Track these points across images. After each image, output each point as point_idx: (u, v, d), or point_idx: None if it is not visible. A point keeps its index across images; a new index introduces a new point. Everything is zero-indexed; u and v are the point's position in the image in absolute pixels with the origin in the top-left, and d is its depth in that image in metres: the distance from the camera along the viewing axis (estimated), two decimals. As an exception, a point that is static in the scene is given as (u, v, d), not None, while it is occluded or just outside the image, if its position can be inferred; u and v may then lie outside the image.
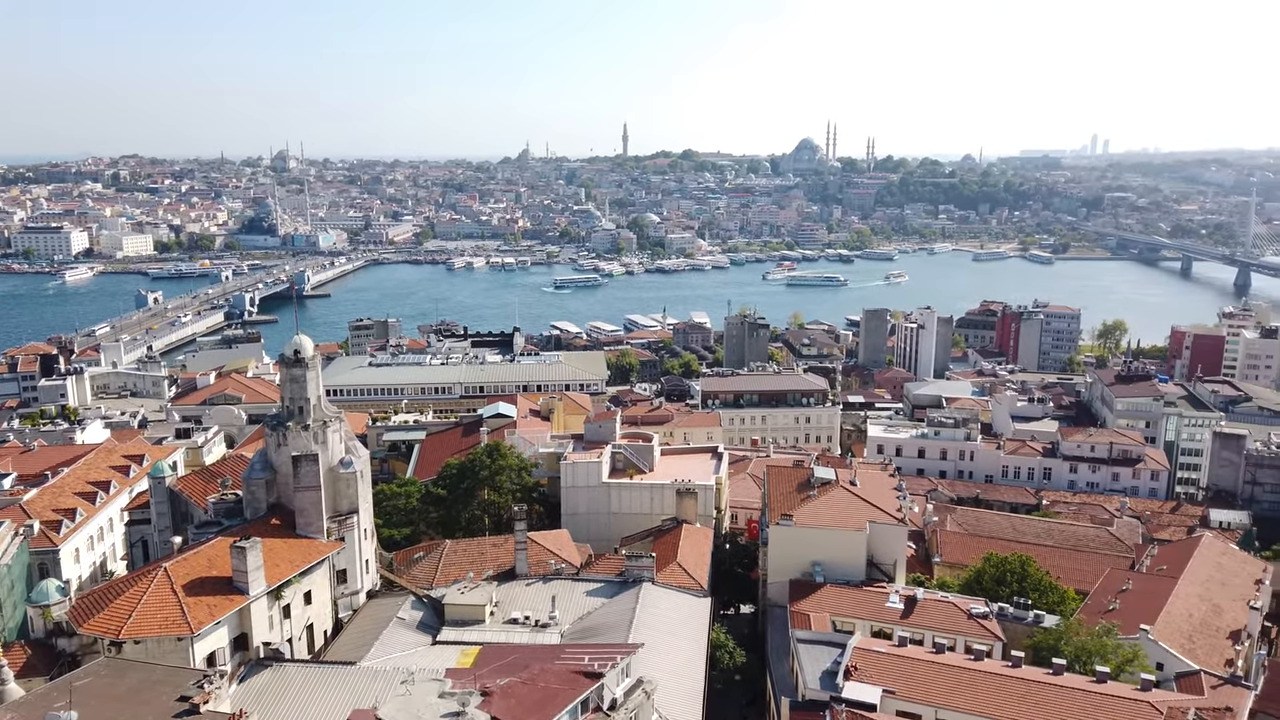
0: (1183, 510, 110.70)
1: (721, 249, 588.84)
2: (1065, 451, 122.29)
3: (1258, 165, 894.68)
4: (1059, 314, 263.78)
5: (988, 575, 73.38)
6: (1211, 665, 60.40)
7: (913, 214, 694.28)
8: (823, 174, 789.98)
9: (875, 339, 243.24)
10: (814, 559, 68.38)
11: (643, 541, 75.19)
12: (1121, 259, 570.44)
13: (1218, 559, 77.83)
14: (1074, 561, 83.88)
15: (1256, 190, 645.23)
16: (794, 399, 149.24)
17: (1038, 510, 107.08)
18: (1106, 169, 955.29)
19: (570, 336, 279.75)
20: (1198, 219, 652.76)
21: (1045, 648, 59.39)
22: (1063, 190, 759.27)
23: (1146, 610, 65.72)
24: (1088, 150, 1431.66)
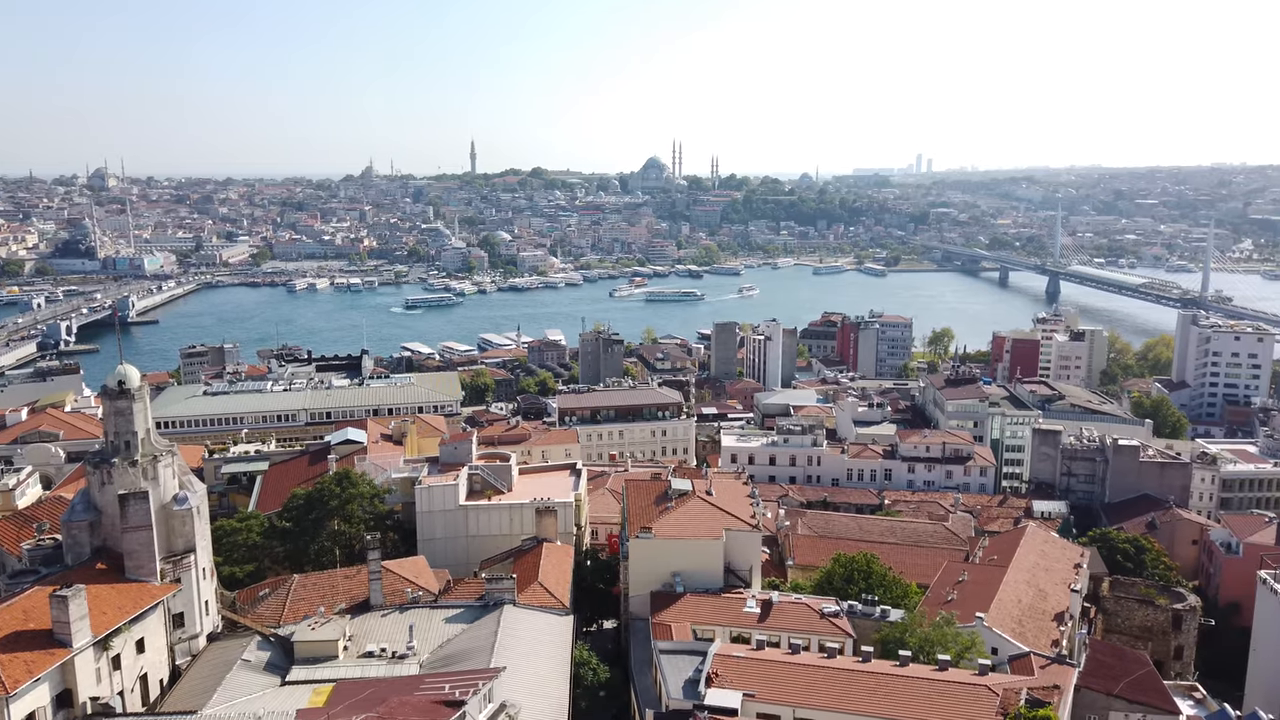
0: (1009, 503, 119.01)
1: (574, 266, 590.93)
2: (903, 453, 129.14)
3: (1061, 182, 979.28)
4: (893, 323, 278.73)
5: (837, 575, 76.50)
6: (1040, 646, 65.05)
7: (756, 230, 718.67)
8: (670, 192, 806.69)
9: (726, 351, 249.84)
10: (674, 570, 69.33)
11: (503, 563, 74.16)
12: (946, 270, 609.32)
13: (1041, 547, 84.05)
14: (915, 557, 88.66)
15: (1062, 205, 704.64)
16: (650, 413, 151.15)
17: (881, 510, 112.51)
18: (931, 186, 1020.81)
19: (422, 358, 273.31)
20: (1012, 232, 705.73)
21: (892, 641, 62.40)
22: (892, 207, 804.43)
23: (981, 599, 70.14)
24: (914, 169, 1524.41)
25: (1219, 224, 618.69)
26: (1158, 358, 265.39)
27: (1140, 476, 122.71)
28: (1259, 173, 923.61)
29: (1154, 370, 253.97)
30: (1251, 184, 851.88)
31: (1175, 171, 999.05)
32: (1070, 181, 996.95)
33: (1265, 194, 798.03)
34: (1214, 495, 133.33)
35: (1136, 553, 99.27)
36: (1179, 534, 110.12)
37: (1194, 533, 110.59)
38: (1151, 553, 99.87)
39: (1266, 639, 71.76)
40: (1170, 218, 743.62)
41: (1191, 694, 70.19)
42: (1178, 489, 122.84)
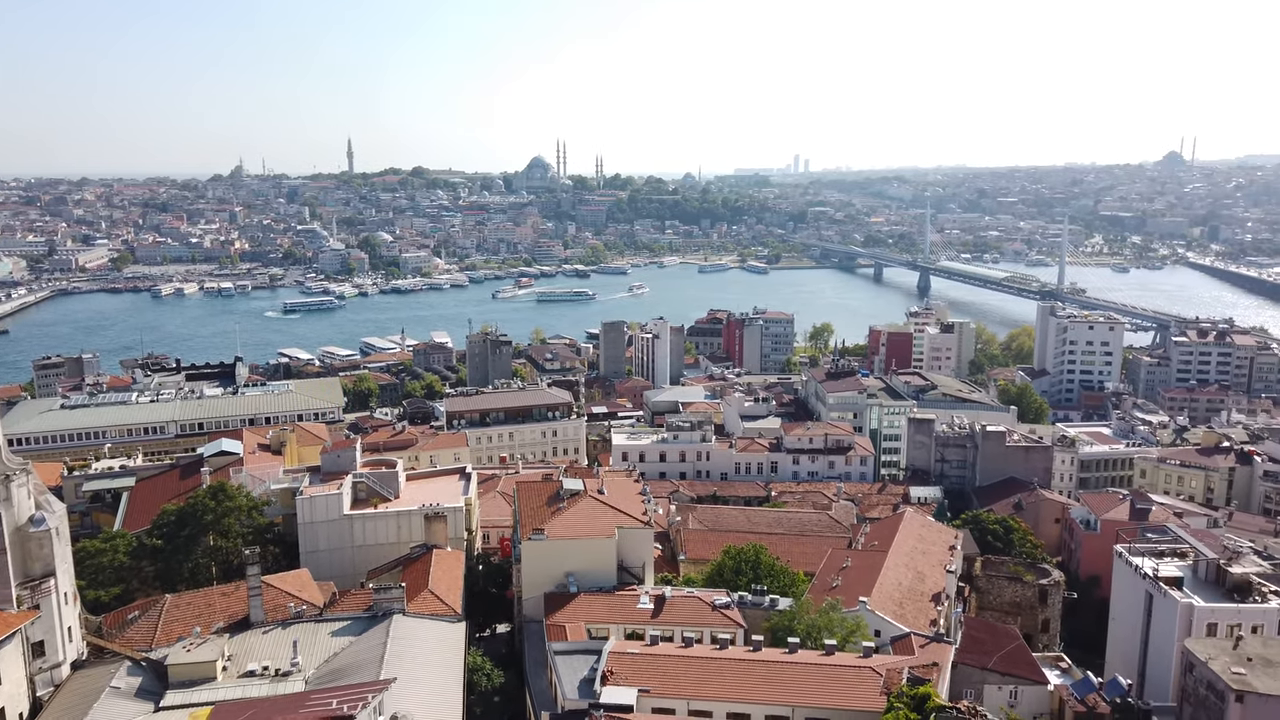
0: (888, 490, 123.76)
1: (459, 267, 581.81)
2: (788, 445, 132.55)
3: (930, 182, 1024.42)
4: (776, 319, 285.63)
5: (727, 567, 77.98)
6: (919, 627, 67.94)
7: (642, 230, 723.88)
8: (555, 191, 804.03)
9: (615, 350, 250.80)
10: (567, 570, 69.23)
11: (391, 572, 72.43)
12: (825, 267, 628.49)
13: (918, 531, 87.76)
14: (801, 546, 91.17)
15: (930, 204, 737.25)
16: (540, 414, 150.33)
17: (768, 502, 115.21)
18: (809, 186, 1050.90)
19: (301, 364, 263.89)
20: (885, 230, 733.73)
21: (781, 629, 64.04)
22: (772, 206, 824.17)
23: (864, 583, 72.74)
24: (792, 169, 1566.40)
25: (1073, 220, 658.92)
26: (1020, 347, 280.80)
27: (1007, 460, 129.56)
28: (1107, 172, 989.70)
29: (1017, 359, 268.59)
30: (1101, 183, 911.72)
31: (1033, 171, 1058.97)
32: (938, 181, 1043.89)
33: (1113, 192, 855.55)
34: (1073, 476, 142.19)
35: (1005, 533, 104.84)
36: (1043, 513, 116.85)
37: (1056, 512, 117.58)
38: (1019, 532, 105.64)
39: (1123, 609, 76.87)
40: (1029, 215, 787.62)
41: (1058, 664, 74.63)
42: (1041, 471, 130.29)
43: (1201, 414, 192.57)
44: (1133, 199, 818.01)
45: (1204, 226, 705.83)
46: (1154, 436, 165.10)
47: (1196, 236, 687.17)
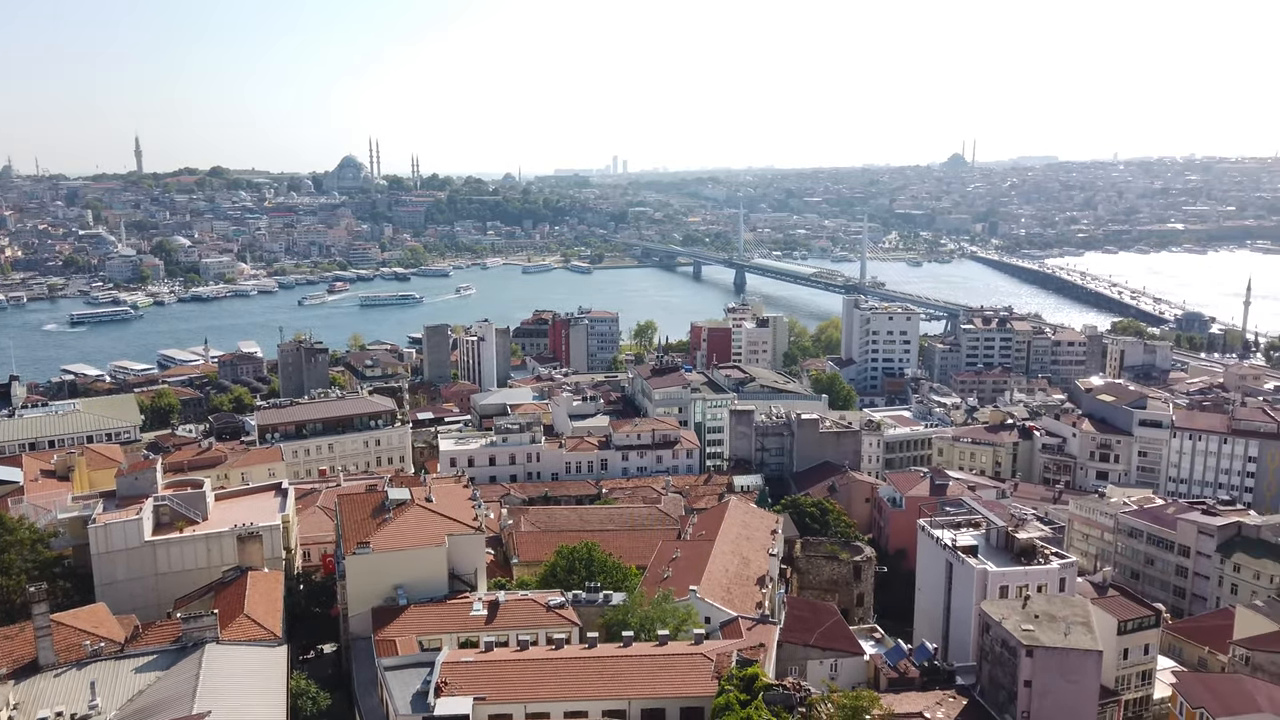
0: (713, 480, 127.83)
1: (267, 272, 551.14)
2: (617, 442, 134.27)
3: (742, 183, 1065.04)
4: (601, 318, 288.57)
5: (560, 567, 78.14)
6: (746, 610, 70.60)
7: (463, 231, 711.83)
8: (370, 192, 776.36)
9: (439, 354, 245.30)
10: (396, 582, 67.22)
11: (202, 599, 67.84)
12: (647, 266, 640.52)
13: (743, 518, 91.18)
14: (633, 540, 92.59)
15: (743, 204, 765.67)
16: (361, 423, 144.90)
17: (599, 499, 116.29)
18: (628, 186, 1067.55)
19: (89, 380, 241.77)
20: (702, 229, 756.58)
21: (616, 623, 64.87)
22: (593, 206, 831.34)
23: (693, 572, 74.80)
24: (611, 170, 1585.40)
25: (871, 218, 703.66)
26: (829, 338, 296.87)
27: (821, 446, 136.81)
28: (899, 173, 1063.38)
29: (827, 350, 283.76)
30: (894, 183, 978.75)
31: (834, 172, 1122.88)
32: (749, 181, 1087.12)
33: (905, 191, 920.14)
34: (880, 457, 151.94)
35: (821, 514, 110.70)
36: (854, 494, 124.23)
37: (866, 492, 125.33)
38: (834, 513, 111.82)
39: (927, 578, 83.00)
40: (832, 214, 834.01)
41: (872, 635, 79.62)
42: (851, 454, 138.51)
43: (988, 395, 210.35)
44: (923, 198, 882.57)
45: (985, 222, 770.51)
46: (948, 417, 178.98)
47: (979, 232, 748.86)
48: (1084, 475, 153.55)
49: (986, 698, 58.76)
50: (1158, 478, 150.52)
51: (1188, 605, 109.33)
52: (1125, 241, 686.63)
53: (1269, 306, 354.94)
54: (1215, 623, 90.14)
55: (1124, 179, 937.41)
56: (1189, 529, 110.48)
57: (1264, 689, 57.10)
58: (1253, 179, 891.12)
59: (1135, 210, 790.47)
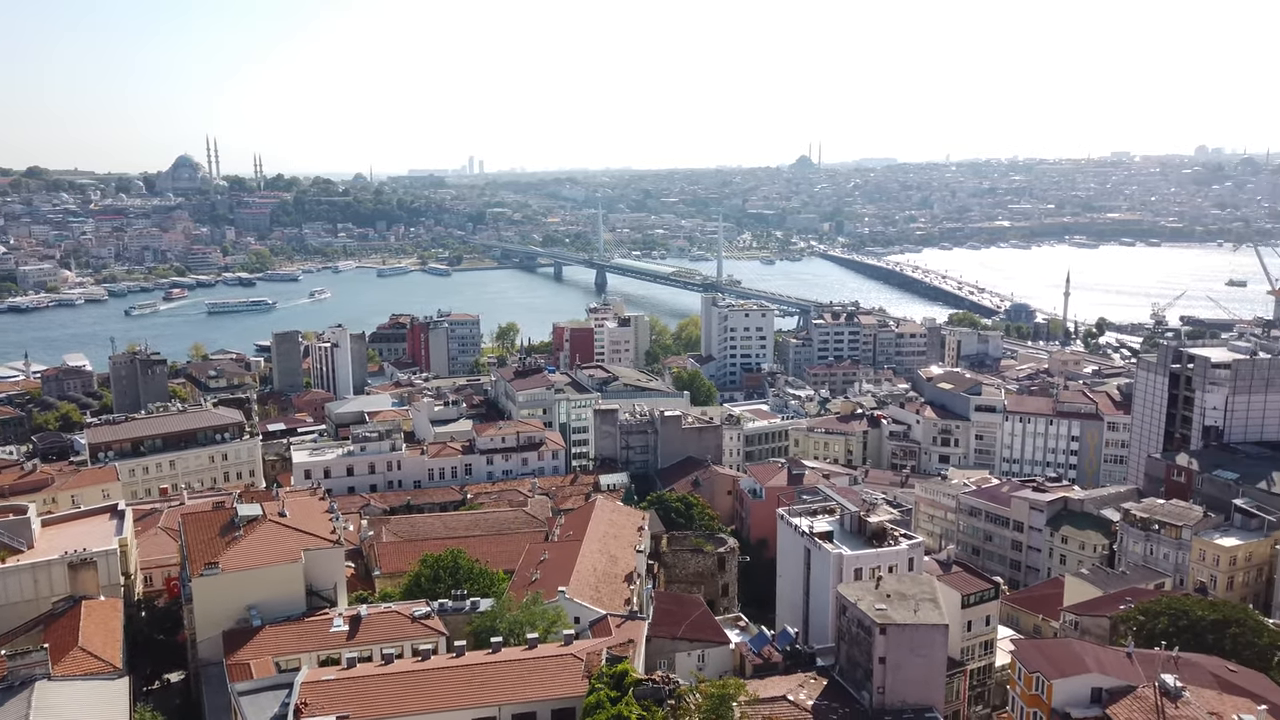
0: (579, 480, 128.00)
1: (95, 279, 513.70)
2: (481, 446, 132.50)
3: (600, 183, 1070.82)
4: (461, 321, 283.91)
5: (425, 576, 76.40)
6: (615, 608, 71.08)
7: (312, 233, 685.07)
8: (209, 193, 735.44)
9: (289, 362, 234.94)
10: (249, 603, 64.06)
11: (30, 633, 62.56)
12: (507, 267, 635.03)
13: (609, 516, 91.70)
14: (500, 545, 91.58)
15: (601, 204, 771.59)
16: (206, 437, 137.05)
17: (464, 505, 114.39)
18: (485, 187, 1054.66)
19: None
20: (562, 229, 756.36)
21: (484, 630, 64.00)
22: (450, 207, 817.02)
23: (562, 573, 74.71)
24: (467, 170, 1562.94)
25: (726, 218, 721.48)
26: (690, 336, 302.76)
27: (684, 442, 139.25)
28: (751, 174, 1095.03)
29: (687, 347, 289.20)
30: (747, 184, 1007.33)
31: (689, 173, 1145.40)
32: (607, 182, 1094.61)
33: (757, 192, 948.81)
34: (740, 450, 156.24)
35: (686, 509, 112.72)
36: (717, 487, 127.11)
37: (728, 484, 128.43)
38: (698, 507, 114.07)
39: (788, 565, 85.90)
40: (689, 214, 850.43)
41: (737, 624, 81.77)
42: (713, 448, 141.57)
43: (839, 386, 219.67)
44: (773, 198, 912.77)
45: (832, 221, 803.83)
46: (803, 409, 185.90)
47: (826, 230, 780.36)
48: (928, 459, 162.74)
49: (845, 676, 61.32)
50: (993, 459, 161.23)
51: (1023, 577, 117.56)
52: (959, 238, 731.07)
53: (1085, 297, 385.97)
54: (1047, 592, 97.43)
55: (956, 179, 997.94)
56: (1022, 506, 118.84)
57: (1091, 650, 62.01)
58: (1069, 179, 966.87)
59: (967, 209, 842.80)
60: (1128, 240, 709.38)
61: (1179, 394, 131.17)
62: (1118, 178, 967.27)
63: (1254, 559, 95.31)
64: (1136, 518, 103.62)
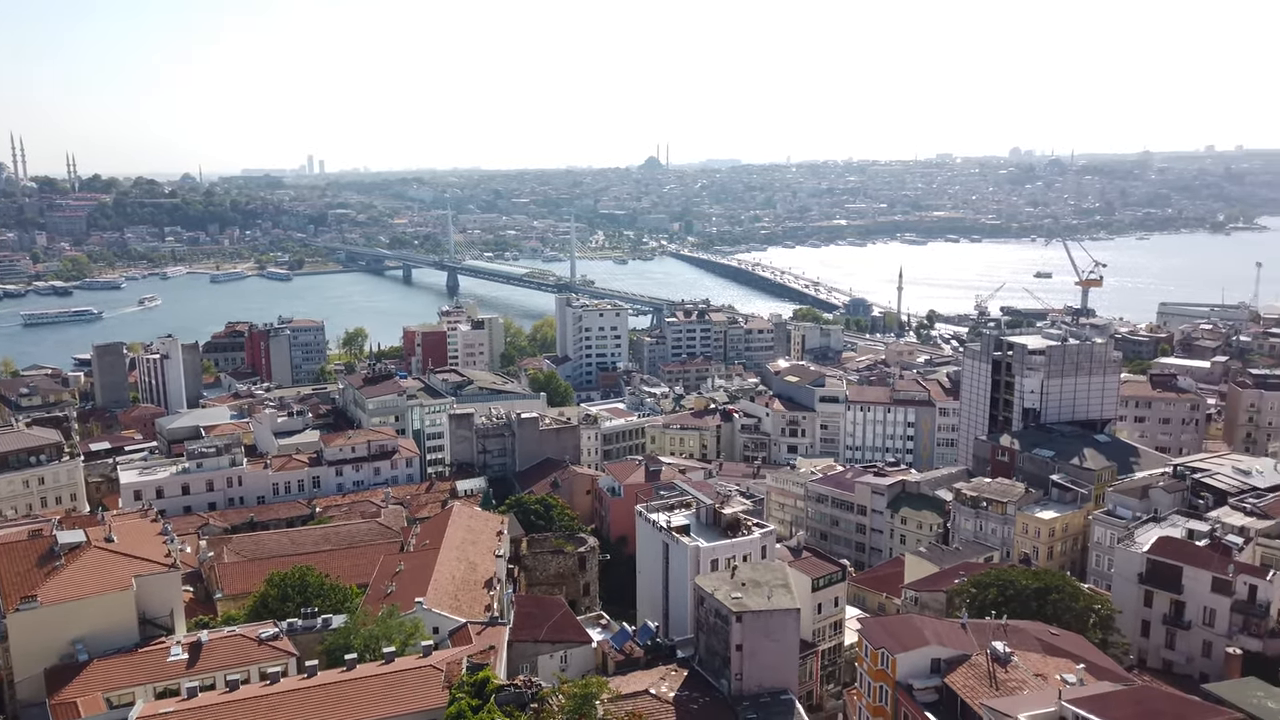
0: (435, 488, 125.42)
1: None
2: (330, 457, 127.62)
3: (448, 183, 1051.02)
4: (305, 328, 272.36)
5: (272, 596, 73.08)
6: (475, 615, 70.14)
7: (135, 237, 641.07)
8: (15, 195, 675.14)
9: (113, 377, 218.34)
10: (74, 637, 59.42)
11: None
12: (352, 270, 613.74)
13: (467, 522, 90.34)
14: (352, 559, 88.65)
15: (451, 205, 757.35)
16: (18, 460, 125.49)
17: (313, 519, 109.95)
18: (326, 187, 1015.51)
19: None
20: (410, 231, 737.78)
21: (338, 647, 61.79)
22: (289, 208, 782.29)
23: (419, 584, 73.04)
24: (306, 170, 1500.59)
25: (578, 219, 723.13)
26: (545, 337, 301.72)
27: (542, 443, 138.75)
28: (601, 175, 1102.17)
29: (543, 348, 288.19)
30: (597, 184, 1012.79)
31: (540, 173, 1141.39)
32: (456, 182, 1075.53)
33: (608, 192, 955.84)
34: (598, 449, 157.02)
35: (545, 510, 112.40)
36: (576, 487, 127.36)
37: (587, 484, 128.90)
38: (557, 508, 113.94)
39: (647, 561, 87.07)
40: (540, 214, 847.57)
41: (599, 622, 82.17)
42: (572, 449, 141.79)
43: (693, 382, 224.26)
44: (624, 198, 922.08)
45: (681, 221, 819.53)
46: (659, 406, 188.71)
47: (676, 230, 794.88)
48: (778, 450, 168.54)
49: (705, 666, 62.76)
50: (838, 447, 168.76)
51: (867, 558, 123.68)
52: (800, 236, 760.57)
53: (917, 291, 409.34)
54: (890, 571, 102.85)
55: (797, 180, 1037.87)
56: (864, 490, 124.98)
57: (930, 624, 65.92)
58: (899, 179, 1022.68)
59: (807, 208, 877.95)
60: (953, 237, 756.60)
61: (1001, 380, 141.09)
62: (942, 178, 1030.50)
63: (1070, 530, 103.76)
64: (966, 497, 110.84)
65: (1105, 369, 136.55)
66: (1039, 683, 56.51)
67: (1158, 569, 78.85)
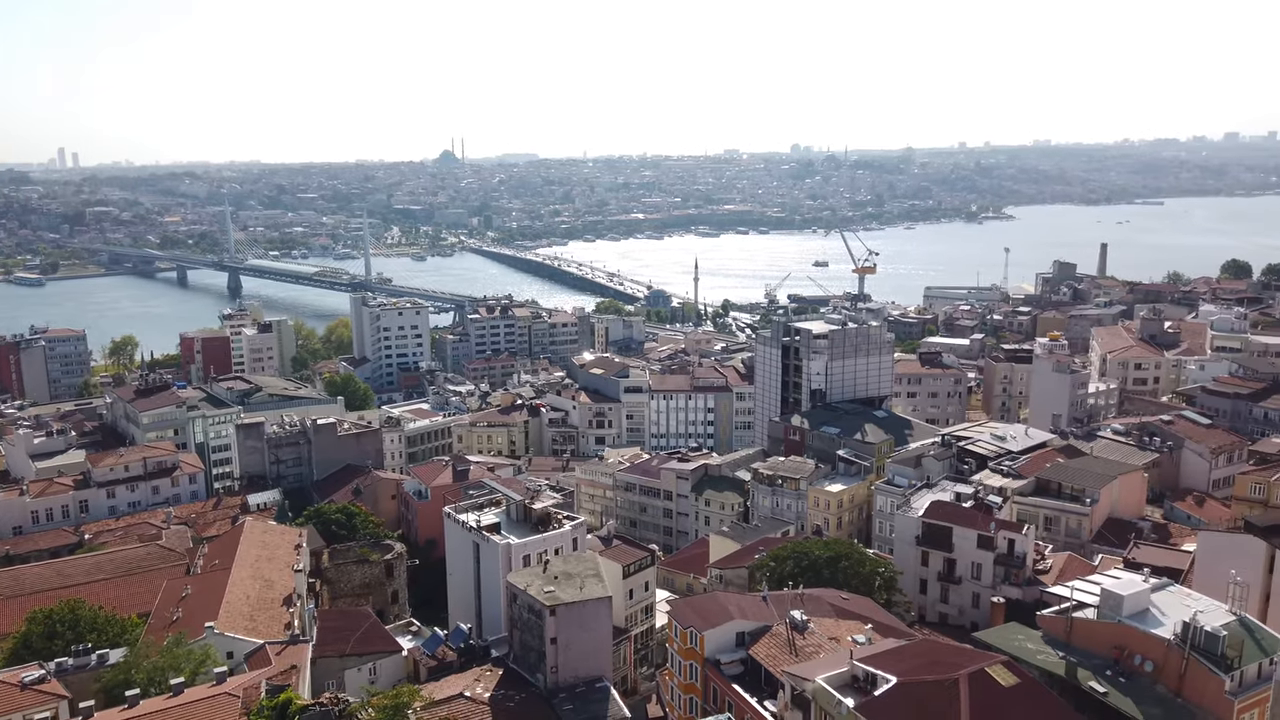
0: (224, 503, 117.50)
1: None
2: (99, 479, 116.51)
3: (225, 178, 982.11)
4: (63, 338, 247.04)
5: (36, 634, 66.06)
6: (274, 635, 66.44)
7: None
8: None
9: None
10: None
11: None
12: (117, 274, 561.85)
13: (261, 538, 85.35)
14: (130, 587, 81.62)
15: (230, 201, 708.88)
16: None
17: (82, 547, 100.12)
18: (83, 183, 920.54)
19: None
20: (184, 230, 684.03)
21: (118, 684, 56.72)
22: (39, 207, 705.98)
23: (209, 607, 68.26)
24: (58, 164, 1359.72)
25: (371, 215, 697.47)
26: (340, 338, 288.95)
27: (341, 450, 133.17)
28: (395, 169, 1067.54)
29: (338, 350, 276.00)
30: (390, 179, 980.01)
31: (328, 167, 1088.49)
32: (233, 177, 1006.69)
33: (402, 187, 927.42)
34: (402, 452, 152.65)
35: (348, 519, 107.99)
36: (380, 493, 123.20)
37: (392, 489, 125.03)
38: (360, 516, 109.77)
39: (457, 562, 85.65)
40: (330, 210, 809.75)
41: (409, 629, 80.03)
42: (374, 453, 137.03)
43: (499, 379, 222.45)
44: (420, 193, 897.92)
45: (480, 216, 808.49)
46: (464, 405, 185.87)
47: (475, 225, 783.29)
48: (586, 442, 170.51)
49: (520, 663, 62.63)
50: (643, 435, 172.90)
51: (675, 541, 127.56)
52: (600, 230, 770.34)
53: (712, 282, 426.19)
54: (696, 552, 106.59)
55: (594, 175, 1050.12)
56: (670, 476, 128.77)
57: (734, 600, 69.00)
58: (691, 174, 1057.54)
59: (605, 203, 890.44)
60: (743, 229, 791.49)
61: (790, 364, 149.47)
62: (731, 173, 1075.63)
63: (856, 500, 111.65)
64: (763, 476, 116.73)
65: (881, 350, 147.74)
66: (833, 645, 60.54)
67: (931, 531, 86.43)
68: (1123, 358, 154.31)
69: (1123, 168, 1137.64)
